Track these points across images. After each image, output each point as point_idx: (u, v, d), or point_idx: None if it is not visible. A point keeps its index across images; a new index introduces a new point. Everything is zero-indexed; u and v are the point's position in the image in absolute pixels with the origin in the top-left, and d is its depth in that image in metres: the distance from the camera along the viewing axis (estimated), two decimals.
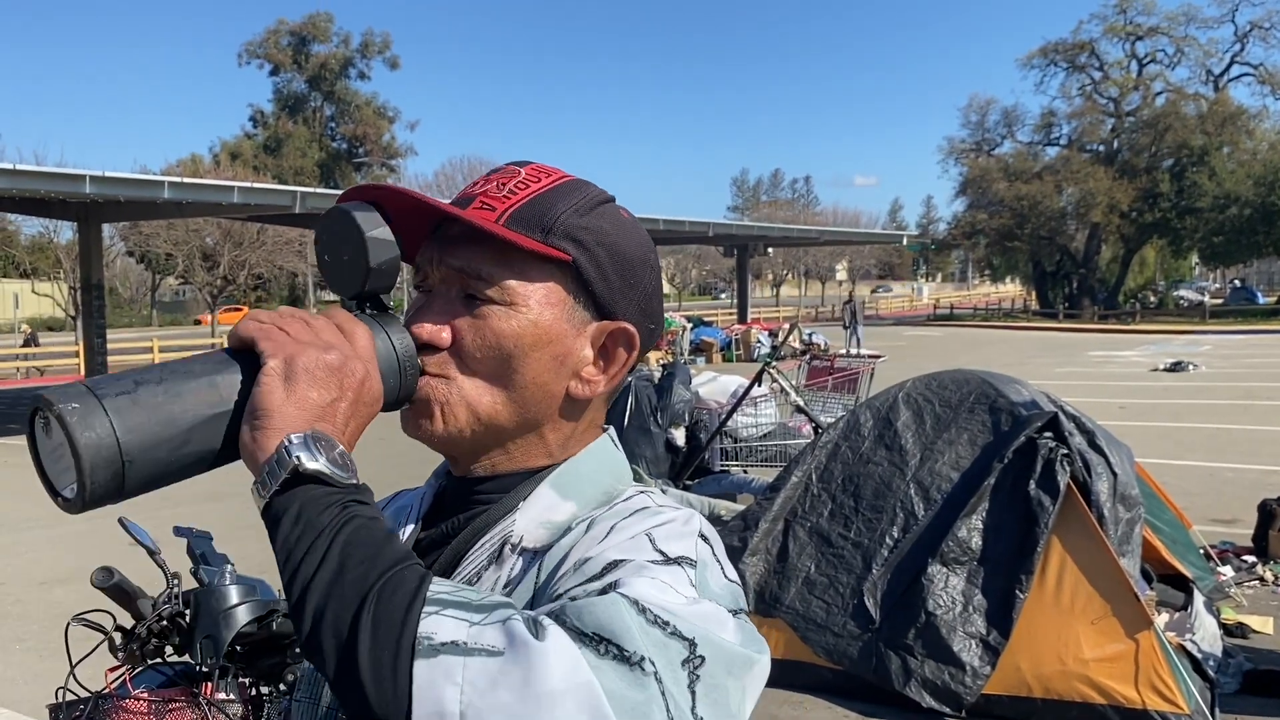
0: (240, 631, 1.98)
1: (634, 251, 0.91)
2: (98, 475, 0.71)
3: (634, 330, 0.91)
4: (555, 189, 0.90)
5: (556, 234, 0.87)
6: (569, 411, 0.91)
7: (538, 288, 0.87)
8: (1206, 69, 46.74)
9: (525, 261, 0.87)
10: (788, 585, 4.77)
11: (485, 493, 0.91)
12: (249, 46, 68.67)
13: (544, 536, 0.86)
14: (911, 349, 26.67)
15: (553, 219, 0.87)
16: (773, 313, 49.12)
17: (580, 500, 0.89)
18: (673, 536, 0.79)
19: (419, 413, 0.88)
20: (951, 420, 4.89)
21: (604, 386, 0.91)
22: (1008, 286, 68.93)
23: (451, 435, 0.88)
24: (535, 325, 0.87)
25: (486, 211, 0.87)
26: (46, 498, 0.79)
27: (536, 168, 0.92)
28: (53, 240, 43.50)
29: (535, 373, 0.88)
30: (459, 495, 0.93)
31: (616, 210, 0.92)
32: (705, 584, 0.77)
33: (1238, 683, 4.62)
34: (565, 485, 0.89)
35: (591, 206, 0.90)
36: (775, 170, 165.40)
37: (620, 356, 0.91)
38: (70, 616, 2.04)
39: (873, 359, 9.31)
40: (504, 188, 0.89)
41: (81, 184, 14.52)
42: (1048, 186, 42.88)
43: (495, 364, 0.87)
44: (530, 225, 0.87)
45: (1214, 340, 28.79)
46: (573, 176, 0.93)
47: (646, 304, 0.93)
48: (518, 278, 0.87)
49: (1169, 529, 5.60)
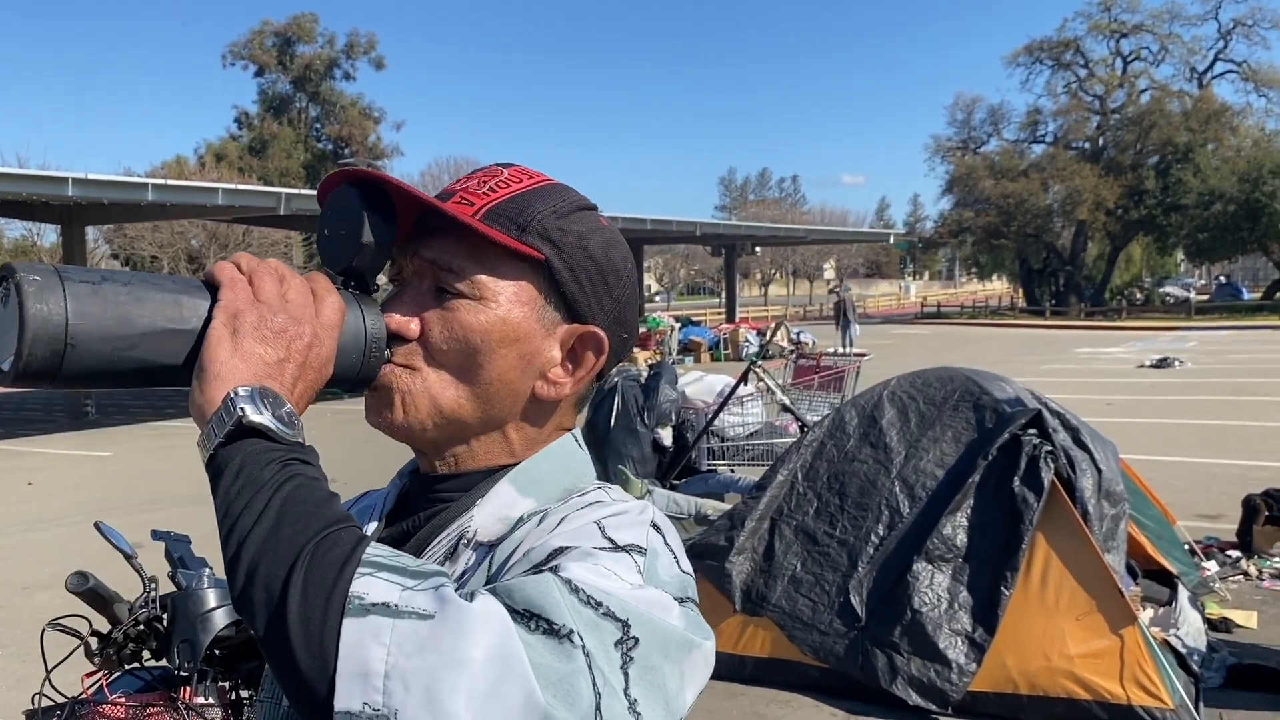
0: (218, 635, 1.97)
1: (610, 258, 0.92)
2: (37, 349, 0.71)
3: (604, 335, 0.91)
4: (535, 190, 0.90)
5: (532, 233, 0.87)
6: (534, 412, 0.91)
7: (509, 284, 0.87)
8: (1191, 66, 47.00)
9: (498, 258, 0.87)
10: (774, 584, 4.77)
11: (447, 490, 0.91)
12: (233, 47, 68.33)
13: (499, 530, 0.86)
14: (898, 347, 26.72)
15: (529, 218, 0.87)
16: (761, 312, 49.16)
17: (539, 497, 0.89)
18: (624, 525, 0.79)
19: (382, 401, 0.89)
20: (936, 418, 4.90)
21: (570, 389, 0.91)
22: (994, 284, 69.13)
23: (411, 426, 0.88)
24: (504, 322, 0.87)
25: (465, 206, 0.87)
26: (27, 501, 0.78)
27: (520, 170, 0.92)
28: (36, 243, 43.25)
29: (501, 369, 0.88)
30: (421, 493, 0.93)
31: (596, 218, 0.92)
32: (654, 571, 0.77)
33: (1222, 677, 4.63)
34: (525, 483, 0.89)
35: (570, 210, 0.90)
36: (763, 169, 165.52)
37: (588, 360, 0.91)
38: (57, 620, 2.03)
39: (858, 357, 9.34)
40: (485, 185, 0.89)
41: (65, 186, 14.44)
42: (1034, 184, 43.02)
43: (461, 358, 0.87)
44: (506, 222, 0.87)
45: (1200, 336, 28.91)
46: (555, 181, 0.93)
47: (620, 313, 0.93)
48: (489, 273, 0.87)
49: (1154, 525, 5.62)
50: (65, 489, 10.74)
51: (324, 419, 16.64)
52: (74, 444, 14.55)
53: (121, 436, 15.30)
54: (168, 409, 19.14)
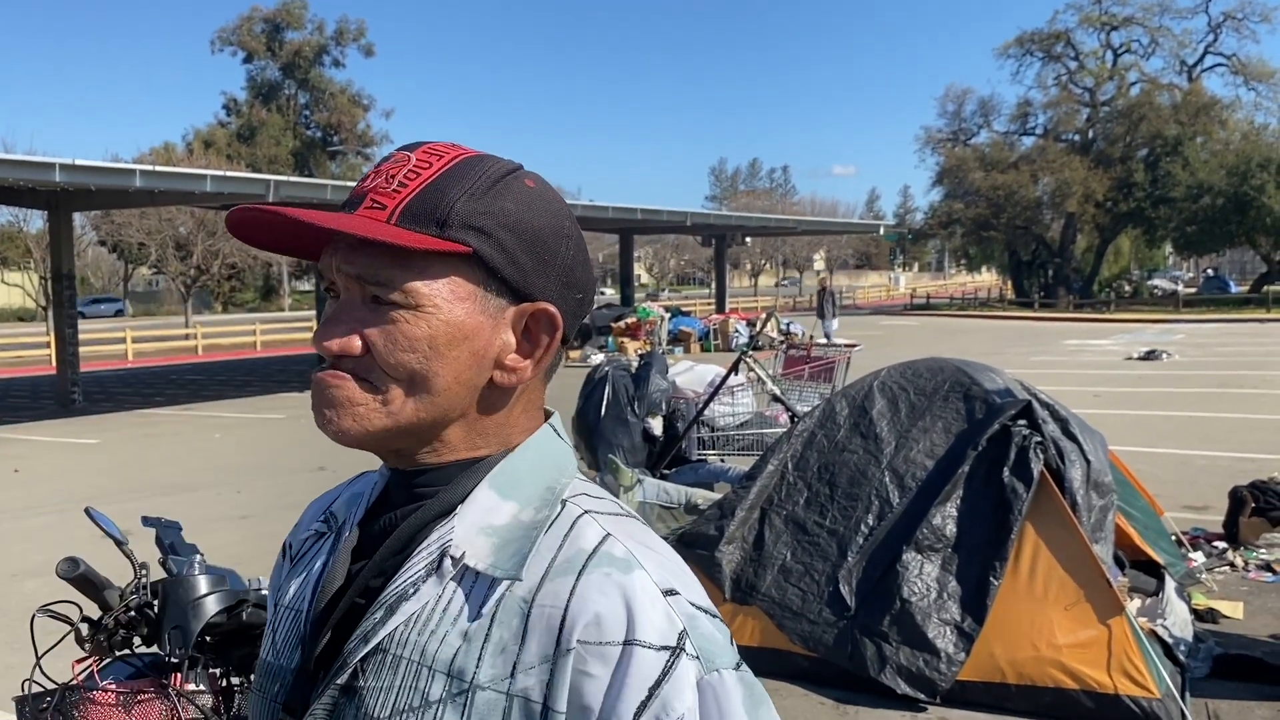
0: (210, 622, 1.96)
1: (544, 225, 0.86)
2: None
3: (554, 310, 0.87)
4: (447, 173, 0.84)
5: (453, 225, 0.82)
6: (498, 400, 0.88)
7: (442, 285, 0.83)
8: (1180, 59, 47.15)
9: (425, 259, 0.82)
10: (764, 573, 4.78)
11: (424, 485, 0.88)
12: (222, 33, 67.92)
13: (486, 552, 0.83)
14: (888, 338, 26.78)
15: (446, 209, 0.83)
16: (751, 302, 49.19)
17: (521, 498, 0.86)
18: (652, 617, 0.79)
19: (332, 406, 0.85)
20: (926, 408, 4.91)
21: (530, 372, 0.88)
22: (984, 276, 69.32)
23: (363, 435, 0.85)
24: (447, 324, 0.83)
25: (376, 211, 0.83)
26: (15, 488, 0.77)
27: (428, 150, 0.87)
28: (22, 229, 42.96)
29: (455, 371, 0.84)
30: (399, 487, 0.91)
31: (520, 182, 0.87)
32: (709, 654, 0.79)
33: (1208, 667, 4.66)
34: (505, 485, 0.87)
35: (489, 185, 0.85)
36: (753, 160, 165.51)
37: (543, 339, 0.88)
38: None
39: (849, 348, 9.35)
40: (393, 180, 0.84)
41: (51, 172, 14.34)
42: (1024, 176, 43.12)
43: (411, 369, 0.83)
44: (423, 220, 0.82)
45: (1187, 329, 29.05)
46: (469, 153, 0.87)
47: (568, 276, 0.88)
48: (419, 278, 0.82)
49: (1141, 516, 5.65)
50: (52, 476, 10.70)
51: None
52: (61, 431, 14.49)
53: (109, 424, 15.24)
54: (155, 397, 19.07)
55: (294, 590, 0.95)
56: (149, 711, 1.90)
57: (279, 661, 0.92)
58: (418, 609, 0.83)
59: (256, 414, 15.93)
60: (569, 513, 0.86)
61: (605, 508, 0.87)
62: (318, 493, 1.11)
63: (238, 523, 8.07)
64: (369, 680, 0.83)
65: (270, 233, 0.88)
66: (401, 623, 0.83)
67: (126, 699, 1.88)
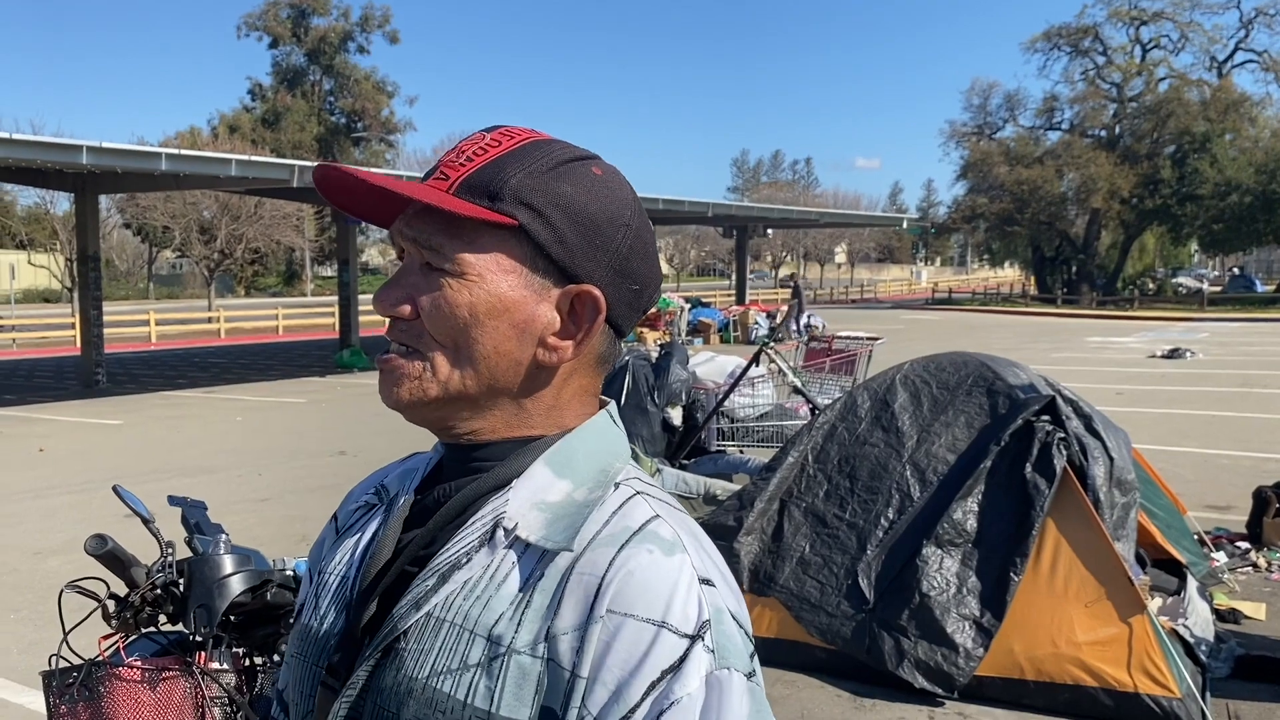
0: (234, 601, 1.97)
1: (599, 210, 0.87)
2: None
3: (598, 293, 0.88)
4: (513, 151, 0.87)
5: (505, 199, 0.85)
6: (543, 379, 0.90)
7: (488, 257, 0.86)
8: (1210, 55, 46.62)
9: (476, 230, 0.86)
10: (782, 565, 4.77)
11: (479, 460, 0.91)
12: (248, 19, 68.18)
13: (538, 525, 0.85)
14: (909, 332, 26.67)
15: (501, 183, 0.85)
16: (771, 295, 49.08)
17: (575, 478, 0.88)
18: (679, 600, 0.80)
19: (388, 382, 0.89)
20: (949, 403, 4.89)
21: (571, 353, 0.89)
22: (1006, 271, 68.90)
23: (417, 403, 0.89)
24: (490, 294, 0.86)
25: (440, 181, 0.86)
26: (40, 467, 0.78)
27: (503, 131, 0.90)
28: (49, 211, 43.32)
29: (496, 341, 0.87)
30: (454, 462, 0.93)
31: (586, 169, 0.88)
32: (724, 650, 0.80)
33: (1229, 668, 4.63)
34: (561, 463, 0.88)
35: (551, 167, 0.87)
36: (776, 151, 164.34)
37: (585, 321, 0.88)
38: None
39: (870, 341, 9.31)
40: (464, 154, 0.87)
41: (79, 154, 14.43)
42: (1049, 171, 42.79)
43: (455, 335, 0.87)
44: (478, 192, 0.85)
45: (1212, 328, 28.79)
46: (541, 136, 0.90)
47: (622, 265, 0.89)
48: (468, 247, 0.86)
49: (1164, 514, 5.60)
50: (76, 456, 10.80)
51: (334, 392, 16.70)
52: (85, 412, 14.62)
53: (132, 405, 15.36)
54: (178, 379, 19.21)
55: (340, 558, 0.97)
56: (173, 689, 1.92)
57: (323, 627, 0.93)
58: (468, 577, 0.85)
59: (278, 398, 16.02)
60: (622, 492, 0.88)
61: (658, 494, 0.89)
62: (338, 477, 1.13)
63: (258, 505, 8.13)
64: (410, 643, 0.84)
65: (351, 196, 0.91)
66: (453, 590, 0.84)
67: (151, 676, 1.90)
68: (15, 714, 4.51)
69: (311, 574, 1.02)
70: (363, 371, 19.82)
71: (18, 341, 29.22)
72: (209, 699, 1.91)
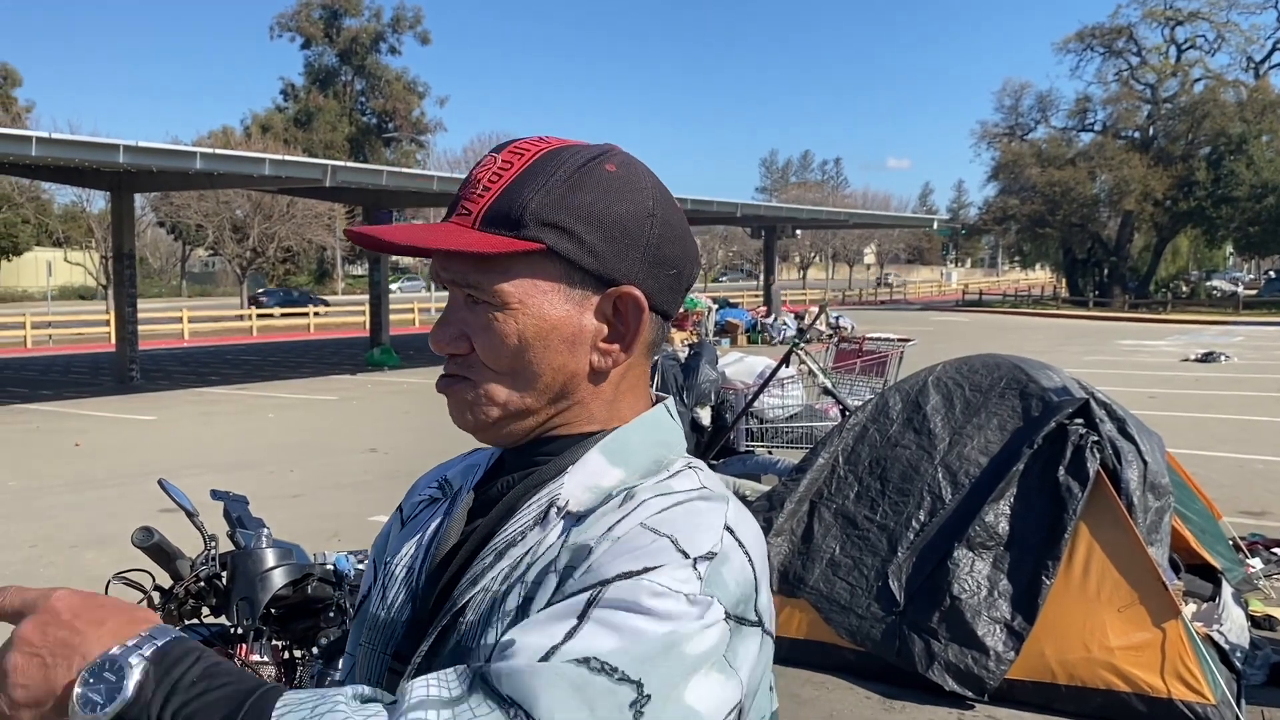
0: (275, 594, 2.00)
1: (623, 211, 0.88)
2: None
3: (637, 292, 0.89)
4: (526, 172, 0.88)
5: (528, 224, 0.86)
6: (600, 380, 0.92)
7: (525, 283, 0.87)
8: (1247, 55, 46.05)
9: (508, 261, 0.87)
10: (812, 566, 4.76)
11: (541, 454, 0.93)
12: (281, 19, 68.78)
13: (588, 501, 0.87)
14: (939, 334, 26.51)
15: (520, 209, 0.86)
16: (799, 295, 48.92)
17: (629, 468, 0.90)
18: (698, 530, 0.80)
19: (455, 410, 0.93)
20: (981, 405, 4.87)
21: (624, 354, 0.91)
22: (1038, 273, 68.26)
23: (485, 426, 0.92)
24: (535, 318, 0.88)
25: (464, 218, 0.88)
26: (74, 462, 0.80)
27: (512, 149, 0.90)
28: (85, 210, 43.89)
29: (551, 360, 0.89)
30: (516, 457, 0.96)
31: (600, 170, 0.89)
32: (717, 578, 0.78)
33: (1264, 674, 4.58)
34: (615, 452, 0.91)
35: (566, 178, 0.87)
36: (805, 152, 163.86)
37: (630, 320, 0.90)
38: (104, 578, 2.07)
39: (902, 342, 9.27)
40: (479, 185, 0.89)
41: (115, 153, 14.62)
42: (1081, 173, 42.38)
43: (510, 363, 0.89)
44: (499, 223, 0.87)
45: (1247, 331, 28.43)
46: (550, 145, 0.90)
47: (655, 255, 0.90)
48: (504, 278, 0.87)
49: (1199, 519, 5.55)
50: (111, 451, 10.94)
51: (364, 390, 16.82)
52: (119, 407, 14.81)
53: (165, 401, 15.54)
54: (211, 376, 19.41)
55: (406, 550, 1.00)
56: None
57: (390, 615, 0.96)
58: (521, 553, 0.87)
59: (310, 395, 16.15)
60: (675, 467, 0.91)
61: (711, 473, 0.92)
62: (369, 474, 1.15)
63: (290, 501, 8.20)
64: (467, 616, 0.87)
65: (389, 245, 0.93)
66: (508, 565, 0.87)
67: None
68: None
69: (376, 565, 1.04)
70: (393, 370, 19.95)
71: (54, 338, 29.63)
72: None
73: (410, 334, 28.34)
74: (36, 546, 7.13)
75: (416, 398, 15.44)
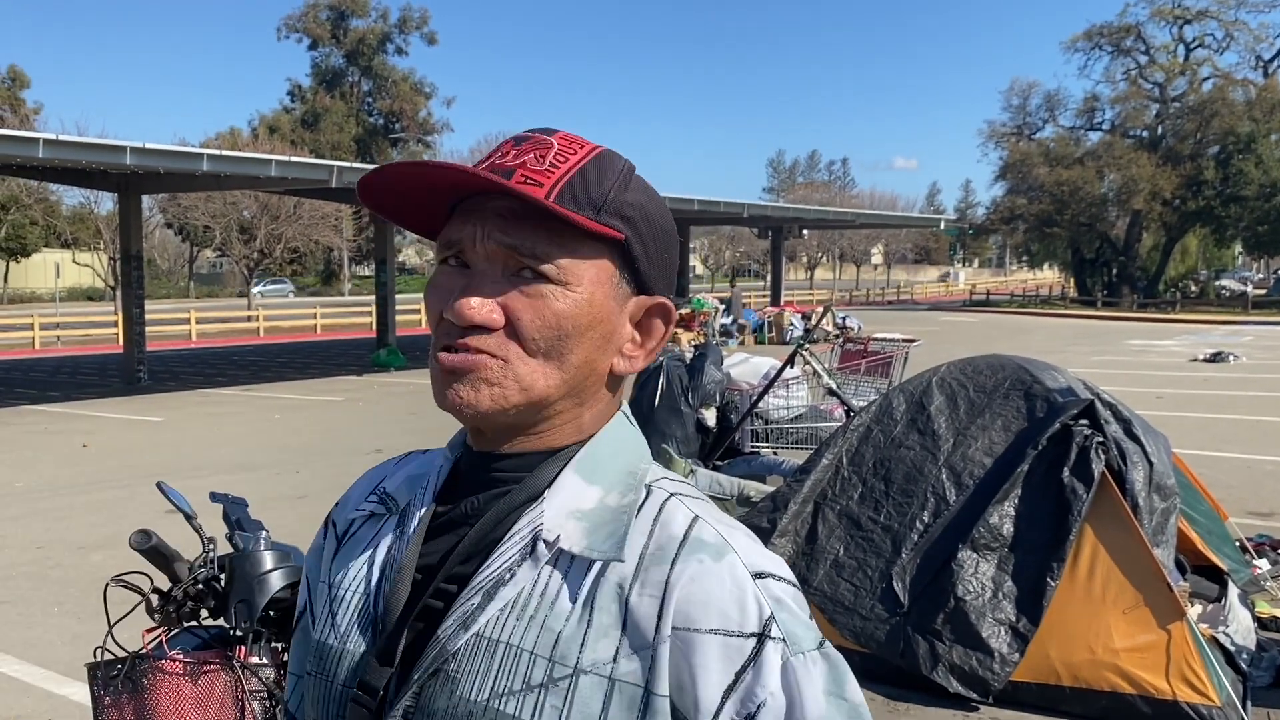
0: (274, 596, 2.00)
1: (669, 225, 0.91)
2: None
3: (671, 305, 0.91)
4: (595, 161, 0.87)
5: (608, 211, 0.86)
6: (612, 385, 0.92)
7: (590, 266, 0.86)
8: (1256, 54, 45.87)
9: (577, 239, 0.85)
10: (816, 567, 4.76)
11: (505, 470, 0.89)
12: (288, 20, 68.94)
13: (578, 535, 0.85)
14: (946, 334, 26.47)
15: (602, 195, 0.85)
16: (806, 296, 48.88)
17: (604, 484, 0.88)
18: (748, 606, 0.82)
19: (469, 387, 0.85)
20: (986, 406, 4.85)
21: (643, 361, 0.91)
22: (1045, 273, 68.20)
23: (495, 413, 0.86)
24: (588, 304, 0.86)
25: (534, 187, 0.84)
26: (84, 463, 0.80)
27: (566, 137, 0.89)
28: (93, 211, 44.03)
29: (586, 352, 0.87)
30: (476, 471, 0.91)
31: (645, 181, 0.91)
32: (794, 636, 0.83)
33: (1270, 676, 4.56)
34: (589, 470, 0.89)
35: (628, 179, 0.88)
36: (812, 152, 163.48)
37: (658, 330, 0.91)
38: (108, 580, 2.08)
39: (907, 343, 9.25)
40: (543, 160, 0.85)
41: (122, 155, 14.66)
42: (1089, 172, 42.29)
43: (550, 344, 0.85)
44: (581, 203, 0.84)
45: (1256, 331, 28.34)
46: (601, 146, 0.90)
47: (670, 276, 0.92)
48: (571, 256, 0.85)
49: (1205, 520, 5.53)
50: (118, 452, 10.97)
51: (370, 391, 16.84)
52: (127, 409, 14.85)
53: (173, 403, 15.58)
54: (218, 377, 19.46)
55: (355, 572, 0.94)
56: (214, 682, 1.95)
57: (343, 645, 0.91)
58: (515, 594, 0.84)
59: (316, 396, 16.19)
60: (656, 496, 0.88)
61: (688, 491, 0.90)
62: None
63: (295, 502, 8.22)
64: (463, 664, 0.84)
65: (400, 199, 0.89)
66: (500, 608, 0.84)
67: (193, 669, 1.94)
68: (59, 704, 4.59)
69: (312, 584, 1.00)
70: (399, 371, 19.97)
71: (62, 339, 29.73)
72: (249, 693, 1.94)
73: (416, 335, 28.38)
74: (44, 548, 7.15)
75: (422, 399, 15.45)
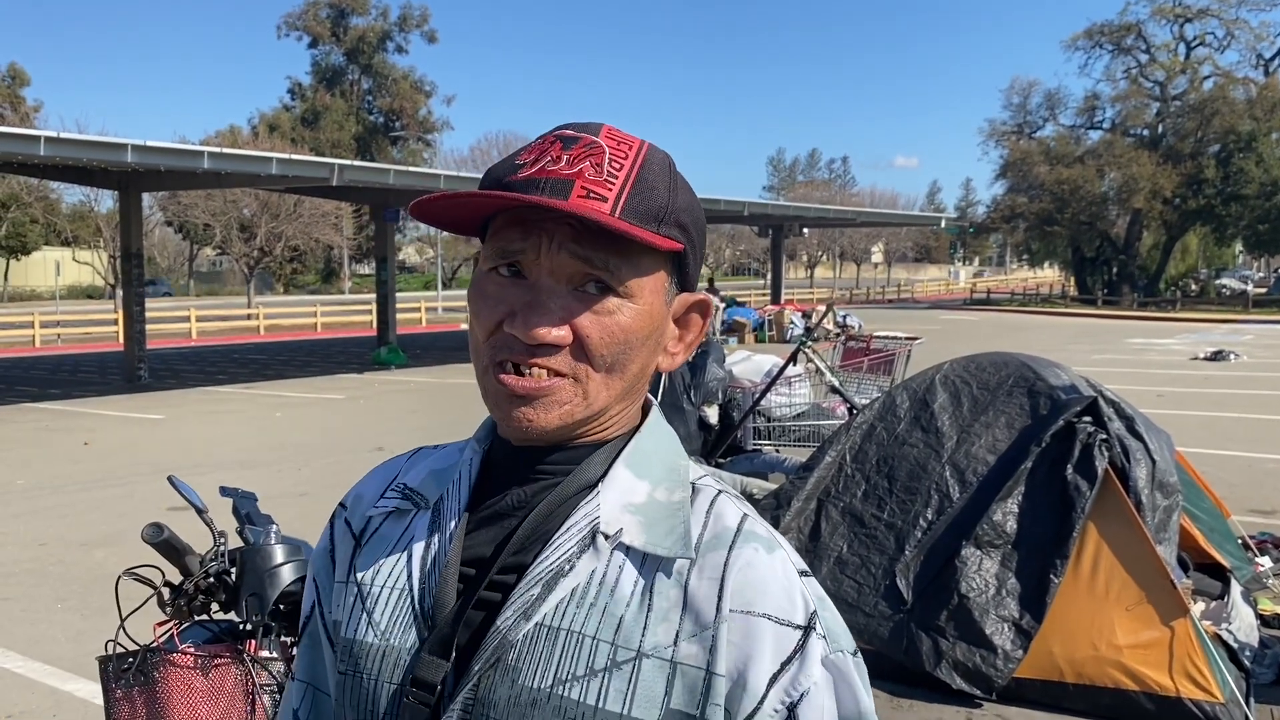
0: (284, 590, 2.01)
1: (705, 221, 0.92)
2: None
3: (709, 298, 0.93)
4: (646, 165, 0.86)
5: (668, 223, 0.86)
6: (656, 380, 0.95)
7: (650, 279, 0.86)
8: (1257, 53, 45.87)
9: (640, 253, 0.85)
10: (819, 565, 4.76)
11: (552, 463, 0.89)
12: (288, 18, 68.92)
13: (637, 529, 0.86)
14: (947, 333, 26.47)
15: (661, 205, 0.85)
16: (806, 294, 48.88)
17: (652, 478, 0.90)
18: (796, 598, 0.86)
19: (541, 410, 0.85)
20: (989, 403, 4.86)
21: (683, 356, 0.93)
22: (1046, 272, 68.21)
23: (563, 429, 0.87)
24: (649, 315, 0.87)
25: (597, 201, 0.82)
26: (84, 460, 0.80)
27: (612, 135, 0.87)
28: (93, 209, 44.04)
29: (643, 360, 0.88)
30: (516, 464, 0.91)
31: (681, 174, 0.91)
32: (834, 633, 0.86)
33: (1273, 673, 4.57)
34: (638, 465, 0.90)
35: (676, 178, 0.89)
36: (812, 150, 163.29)
37: (697, 324, 0.93)
38: (113, 576, 2.08)
39: (909, 341, 9.26)
40: (600, 169, 0.84)
41: (123, 153, 14.65)
42: (1089, 171, 42.29)
43: (616, 357, 0.85)
44: (643, 216, 0.84)
45: (1256, 330, 28.35)
46: (643, 140, 0.89)
47: (698, 272, 0.94)
48: (636, 270, 0.85)
49: (1207, 518, 5.54)
50: (120, 450, 10.98)
51: (371, 389, 16.85)
52: (128, 406, 14.85)
53: (174, 400, 15.59)
54: (218, 375, 19.46)
55: (389, 568, 0.93)
56: (224, 675, 1.96)
57: (385, 642, 0.90)
58: (575, 584, 0.85)
59: (317, 394, 16.19)
60: (705, 493, 0.91)
61: (729, 488, 0.93)
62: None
63: (297, 499, 8.22)
64: (523, 654, 0.84)
65: (451, 211, 0.87)
66: (562, 597, 0.85)
67: (204, 662, 1.94)
68: (63, 700, 4.60)
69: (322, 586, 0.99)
70: (400, 368, 19.98)
71: (62, 337, 29.72)
72: (259, 686, 1.95)
73: (416, 333, 28.38)
74: (46, 545, 7.16)
75: (423, 396, 15.47)
